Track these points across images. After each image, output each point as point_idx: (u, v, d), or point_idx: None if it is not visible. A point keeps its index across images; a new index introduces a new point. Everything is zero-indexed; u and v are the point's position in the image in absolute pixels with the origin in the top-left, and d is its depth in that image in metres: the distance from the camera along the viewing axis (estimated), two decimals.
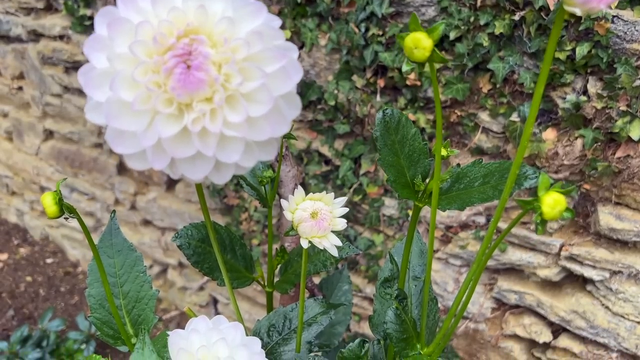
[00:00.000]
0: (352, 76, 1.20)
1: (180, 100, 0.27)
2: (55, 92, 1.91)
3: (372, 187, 1.34)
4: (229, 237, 0.68)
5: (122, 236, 0.54)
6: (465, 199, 0.42)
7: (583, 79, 0.98)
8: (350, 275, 0.88)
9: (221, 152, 0.28)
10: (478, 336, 1.36)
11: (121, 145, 0.28)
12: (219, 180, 0.29)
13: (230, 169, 0.29)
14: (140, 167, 0.29)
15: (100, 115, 0.28)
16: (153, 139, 0.27)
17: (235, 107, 0.27)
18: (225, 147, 0.28)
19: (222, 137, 0.27)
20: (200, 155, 0.28)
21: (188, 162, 0.28)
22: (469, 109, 1.11)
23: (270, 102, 0.27)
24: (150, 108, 0.27)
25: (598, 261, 1.11)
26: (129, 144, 0.28)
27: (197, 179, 0.29)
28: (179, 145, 0.27)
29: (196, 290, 1.94)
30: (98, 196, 2.01)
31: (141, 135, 0.27)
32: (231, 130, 0.27)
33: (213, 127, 0.27)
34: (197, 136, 0.27)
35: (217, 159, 0.28)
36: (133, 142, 0.27)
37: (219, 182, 0.29)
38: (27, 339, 1.67)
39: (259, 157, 0.29)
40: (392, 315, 0.46)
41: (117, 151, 0.28)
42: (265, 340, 0.61)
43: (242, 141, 0.28)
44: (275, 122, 0.28)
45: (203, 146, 0.27)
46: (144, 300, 0.53)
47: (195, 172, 0.28)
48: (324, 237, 0.46)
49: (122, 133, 0.27)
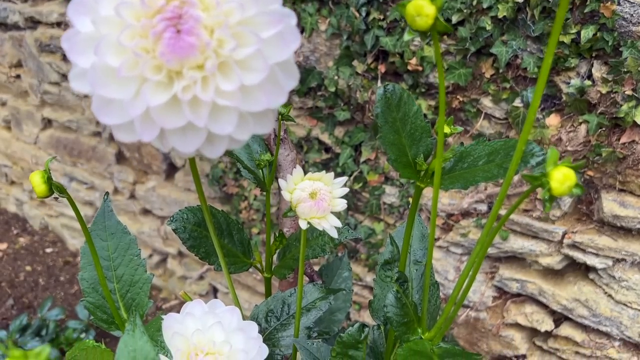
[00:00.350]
0: (353, 62, 1.18)
1: (170, 66, 0.25)
2: (54, 80, 1.89)
3: (373, 175, 1.32)
4: (226, 222, 0.67)
5: (115, 219, 0.53)
6: (469, 177, 0.41)
7: (588, 63, 0.96)
8: (350, 263, 0.87)
9: (213, 123, 0.26)
10: (479, 325, 1.35)
11: (108, 115, 0.26)
12: (212, 153, 0.28)
13: (224, 142, 0.28)
14: (128, 139, 0.27)
15: (86, 84, 0.26)
16: (141, 108, 0.25)
17: (228, 74, 0.26)
18: (218, 117, 0.26)
19: (215, 107, 0.26)
20: (191, 127, 0.26)
21: (178, 134, 0.27)
22: (472, 95, 1.10)
23: (265, 69, 0.26)
24: (138, 75, 0.25)
25: (601, 249, 1.09)
26: (116, 114, 0.26)
27: (189, 152, 0.27)
28: (169, 115, 0.26)
29: (196, 279, 1.93)
30: (97, 185, 2.00)
31: (128, 104, 0.25)
32: (224, 99, 0.26)
33: (205, 96, 0.25)
34: (187, 105, 0.26)
35: (209, 130, 0.27)
36: (120, 112, 0.26)
37: (211, 155, 0.28)
38: (26, 327, 1.66)
39: (254, 130, 0.28)
40: (393, 298, 0.45)
41: (104, 122, 0.26)
42: (263, 325, 0.60)
43: (236, 111, 0.26)
44: (271, 92, 0.27)
45: (194, 116, 0.26)
46: (138, 284, 0.52)
47: (187, 145, 0.27)
48: (323, 218, 0.44)
49: (108, 102, 0.26)
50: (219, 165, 1.60)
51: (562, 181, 0.30)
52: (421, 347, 0.45)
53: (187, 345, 0.47)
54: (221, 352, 0.47)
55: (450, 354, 0.45)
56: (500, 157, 0.40)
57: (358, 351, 0.48)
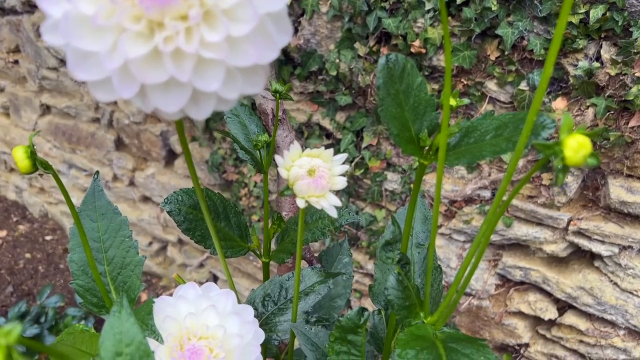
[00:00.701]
0: (355, 44, 1.15)
1: (150, 16, 0.23)
2: (52, 65, 1.86)
3: (374, 161, 1.30)
4: (223, 205, 0.65)
5: (105, 199, 0.51)
6: (476, 152, 0.38)
7: (596, 45, 0.93)
8: (350, 249, 0.85)
9: (198, 79, 0.24)
10: (481, 313, 1.33)
11: (83, 70, 0.24)
12: (198, 114, 0.26)
13: (210, 101, 0.25)
14: (106, 98, 0.25)
15: (60, 36, 0.24)
16: (118, 61, 0.23)
17: (213, 25, 0.23)
18: (203, 72, 0.24)
19: (200, 61, 0.24)
20: (174, 82, 0.24)
21: (161, 91, 0.24)
22: (476, 78, 1.07)
23: (254, 19, 0.23)
24: (115, 24, 0.23)
25: (607, 236, 1.07)
26: (92, 69, 0.24)
27: (172, 111, 0.25)
28: (149, 69, 0.23)
29: (196, 267, 1.92)
30: None
31: (105, 57, 0.23)
32: (209, 51, 0.23)
33: (188, 48, 0.23)
34: (170, 58, 0.23)
35: (194, 86, 0.24)
36: (97, 67, 0.24)
37: (197, 116, 0.26)
38: (24, 314, 1.65)
39: (243, 88, 0.25)
40: (394, 280, 0.43)
41: (79, 78, 0.24)
42: (260, 310, 0.58)
43: (223, 66, 0.24)
44: (261, 46, 0.24)
45: (177, 70, 0.23)
46: (130, 266, 0.50)
47: (170, 103, 0.25)
48: (322, 196, 0.42)
49: (83, 55, 0.24)
50: (218, 151, 1.58)
51: (576, 150, 0.28)
52: (423, 332, 0.43)
53: (179, 329, 0.45)
54: (215, 336, 0.45)
55: (454, 339, 0.43)
56: (509, 130, 0.38)
57: (357, 336, 0.46)
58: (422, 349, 0.40)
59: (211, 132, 1.59)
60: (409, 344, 0.41)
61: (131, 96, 0.24)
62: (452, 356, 0.41)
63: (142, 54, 0.23)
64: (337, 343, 0.45)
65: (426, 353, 0.40)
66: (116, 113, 1.82)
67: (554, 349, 1.26)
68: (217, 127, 1.55)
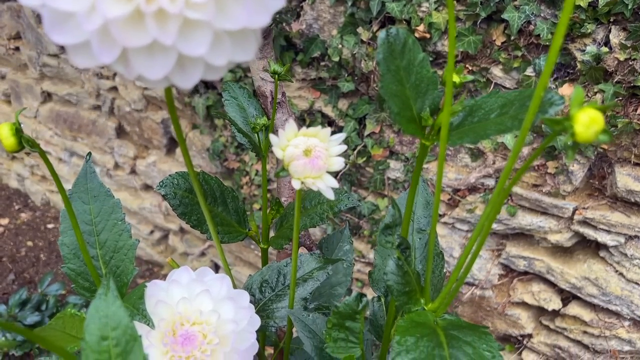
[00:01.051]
0: (358, 29, 1.13)
1: None
2: (52, 51, 1.85)
3: (377, 149, 1.28)
4: (220, 189, 0.63)
5: (98, 180, 0.49)
6: (479, 131, 0.37)
7: (605, 29, 0.91)
8: (351, 236, 0.83)
9: (183, 42, 0.22)
10: (484, 303, 1.32)
11: (61, 33, 0.22)
12: (185, 82, 0.24)
13: (197, 67, 0.24)
14: (86, 63, 0.23)
15: None
16: (97, 22, 0.22)
17: None
18: (189, 35, 0.22)
19: (185, 22, 0.22)
20: (158, 46, 0.23)
21: (144, 55, 0.23)
22: (481, 64, 1.05)
23: None
24: None
25: (613, 225, 1.05)
26: (70, 31, 0.22)
27: (156, 78, 0.23)
28: (131, 32, 0.22)
29: (197, 256, 1.91)
30: (97, 160, 1.97)
31: (83, 18, 0.22)
32: (195, 12, 0.22)
33: (172, 8, 0.21)
34: (152, 19, 0.22)
35: (179, 51, 0.23)
36: (75, 29, 0.22)
37: (184, 84, 0.24)
38: (25, 302, 1.65)
39: (232, 55, 0.24)
40: (393, 265, 0.41)
41: (57, 41, 0.22)
42: (257, 296, 0.57)
43: (209, 28, 0.22)
44: (251, 8, 0.23)
45: (161, 33, 0.22)
46: (123, 250, 0.49)
47: (154, 69, 0.23)
48: (318, 177, 0.41)
49: (61, 17, 0.22)
50: (219, 139, 1.56)
51: (587, 125, 0.26)
52: (424, 319, 0.42)
53: (172, 315, 0.44)
54: (209, 322, 0.43)
55: (455, 326, 0.42)
56: (515, 108, 0.36)
57: (355, 322, 0.44)
58: (422, 336, 0.39)
59: (212, 120, 1.57)
60: (409, 331, 0.39)
61: (112, 61, 0.23)
62: (453, 344, 0.39)
63: (123, 15, 0.21)
64: (334, 330, 0.44)
65: (426, 340, 0.39)
66: (117, 100, 1.80)
67: (557, 340, 1.25)
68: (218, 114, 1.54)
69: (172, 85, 0.25)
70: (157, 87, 0.24)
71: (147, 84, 0.25)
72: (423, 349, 0.38)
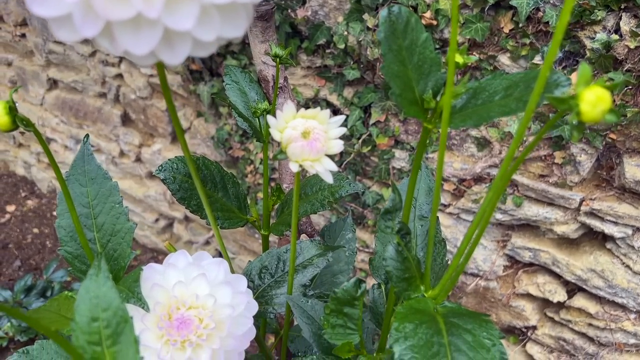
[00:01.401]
0: (364, 15, 1.11)
1: None
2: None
3: (382, 138, 1.27)
4: (220, 174, 0.62)
5: (95, 163, 0.49)
6: (483, 114, 0.36)
7: (616, 16, 0.89)
8: (355, 226, 0.82)
9: (169, 16, 0.22)
10: (488, 294, 1.31)
11: (42, 5, 0.22)
12: (172, 58, 0.23)
13: (185, 43, 0.23)
14: (69, 37, 0.23)
15: None
16: None
17: None
18: (175, 8, 0.22)
19: None
20: (143, 20, 0.22)
21: (129, 29, 0.22)
22: (489, 52, 1.03)
23: None
24: None
25: (621, 217, 1.04)
26: (51, 4, 0.22)
27: (142, 53, 0.22)
28: (114, 4, 0.21)
29: (202, 244, 1.91)
30: (103, 148, 1.97)
31: None
32: None
33: None
34: None
35: (165, 25, 0.22)
36: (56, 1, 0.21)
37: (171, 60, 0.23)
38: (31, 288, 1.66)
39: (221, 30, 0.23)
40: (393, 251, 0.40)
41: (38, 13, 0.22)
42: (256, 282, 0.56)
43: (197, 1, 0.22)
44: None
45: (145, 5, 0.21)
46: (120, 233, 0.48)
47: (140, 44, 0.22)
48: (316, 160, 0.40)
49: None
50: (224, 127, 1.55)
51: (594, 104, 0.25)
52: (423, 306, 0.41)
53: (168, 298, 0.43)
54: (205, 306, 0.43)
55: (456, 313, 0.41)
56: (520, 90, 0.35)
57: (354, 309, 0.44)
58: (421, 323, 0.38)
59: (217, 108, 1.56)
60: (408, 318, 0.38)
61: (95, 34, 0.22)
62: (452, 331, 0.39)
63: None
64: (332, 316, 0.43)
65: (425, 327, 0.38)
66: (122, 88, 1.80)
67: (562, 332, 1.24)
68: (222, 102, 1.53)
69: (159, 61, 0.24)
70: (144, 64, 0.23)
71: (134, 60, 0.24)
72: (422, 335, 0.37)
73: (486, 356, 0.36)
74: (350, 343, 0.44)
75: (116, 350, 0.31)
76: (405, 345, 0.36)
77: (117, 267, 0.47)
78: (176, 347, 0.41)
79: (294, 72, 1.32)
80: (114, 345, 0.31)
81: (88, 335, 0.31)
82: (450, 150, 1.20)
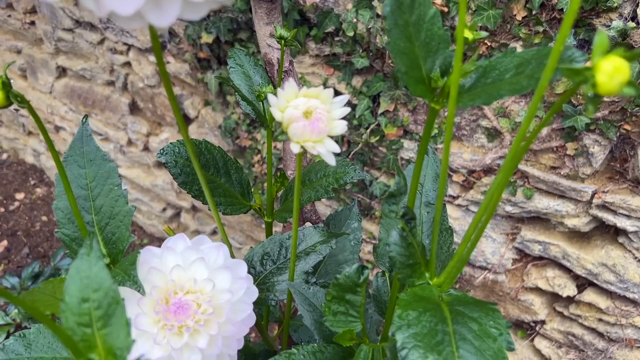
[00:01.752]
0: (373, 2, 1.09)
1: None
2: (67, 26, 1.84)
3: (391, 128, 1.25)
4: (223, 159, 0.61)
5: (94, 144, 0.48)
6: (493, 92, 0.34)
7: (632, 3, 0.86)
8: (361, 216, 0.81)
9: None
10: (497, 288, 1.29)
11: None
12: (160, 19, 0.22)
13: (174, 3, 0.22)
14: None
15: None
16: None
17: None
18: None
19: None
20: None
21: None
22: (501, 39, 1.01)
23: None
24: None
25: (634, 210, 1.02)
26: None
27: (128, 13, 0.21)
28: None
29: (209, 234, 1.91)
30: (111, 136, 1.96)
31: None
32: None
33: None
34: None
35: None
36: None
37: (160, 22, 0.22)
38: (38, 275, 1.66)
39: None
40: (397, 236, 0.39)
41: None
42: (258, 269, 0.55)
43: None
44: None
45: None
46: (119, 216, 0.47)
47: (125, 3, 0.21)
48: (319, 141, 0.38)
49: None
50: (232, 116, 1.54)
51: (611, 74, 0.24)
52: (428, 293, 0.40)
53: (165, 282, 0.42)
54: (203, 291, 0.42)
55: (461, 302, 0.40)
56: (532, 67, 0.34)
57: (356, 295, 0.42)
58: (425, 311, 0.37)
59: (225, 97, 1.55)
60: (411, 305, 0.37)
61: None
62: (458, 319, 0.37)
63: None
64: (334, 302, 0.42)
65: (429, 315, 0.37)
66: (131, 76, 1.79)
67: (571, 327, 1.22)
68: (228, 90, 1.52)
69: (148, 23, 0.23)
70: (131, 26, 0.22)
71: (120, 23, 0.22)
72: (425, 323, 0.36)
73: (492, 345, 0.34)
74: (352, 331, 0.43)
75: (107, 332, 0.30)
76: (409, 333, 0.35)
77: (116, 250, 0.46)
78: (173, 332, 0.40)
79: (302, 60, 1.30)
80: (104, 328, 0.30)
81: (78, 317, 0.30)
82: (460, 141, 1.18)
